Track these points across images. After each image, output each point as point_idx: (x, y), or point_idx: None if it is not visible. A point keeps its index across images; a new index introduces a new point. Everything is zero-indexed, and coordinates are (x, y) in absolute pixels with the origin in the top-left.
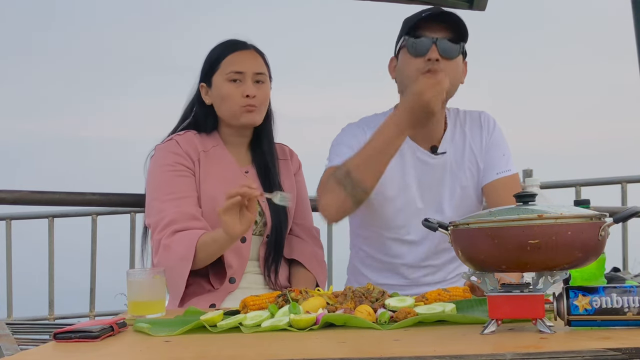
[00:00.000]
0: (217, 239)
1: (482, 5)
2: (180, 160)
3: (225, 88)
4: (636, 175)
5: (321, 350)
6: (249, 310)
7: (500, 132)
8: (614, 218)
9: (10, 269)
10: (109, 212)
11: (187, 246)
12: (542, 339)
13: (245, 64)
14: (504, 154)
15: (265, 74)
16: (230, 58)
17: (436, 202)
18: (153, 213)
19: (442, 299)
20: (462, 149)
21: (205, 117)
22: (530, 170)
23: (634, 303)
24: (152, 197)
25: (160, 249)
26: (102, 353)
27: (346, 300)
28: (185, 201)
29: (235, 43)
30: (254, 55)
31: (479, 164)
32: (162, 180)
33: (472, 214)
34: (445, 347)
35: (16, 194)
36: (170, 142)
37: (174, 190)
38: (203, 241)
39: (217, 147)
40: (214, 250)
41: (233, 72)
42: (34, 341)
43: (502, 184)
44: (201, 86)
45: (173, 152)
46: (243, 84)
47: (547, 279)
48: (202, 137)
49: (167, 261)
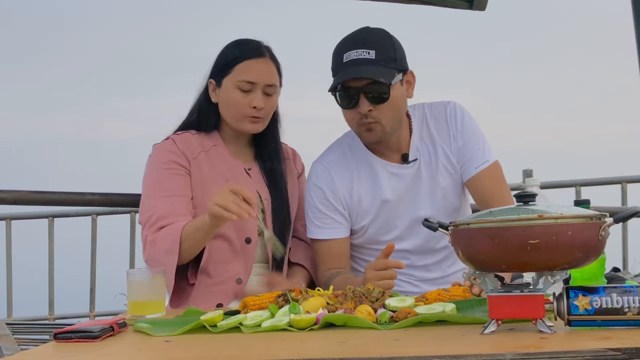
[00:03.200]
0: (200, 226)
1: (482, 5)
2: (175, 159)
3: (233, 94)
4: (636, 175)
5: (321, 350)
6: (249, 310)
7: (470, 123)
8: (614, 218)
9: (10, 269)
10: (109, 212)
11: (173, 240)
12: (542, 339)
13: (257, 75)
14: (478, 146)
15: (276, 86)
16: (244, 65)
17: (416, 211)
18: (144, 210)
19: (442, 299)
20: (433, 151)
21: (209, 114)
22: (530, 170)
23: (634, 303)
24: (146, 195)
25: (147, 245)
26: (102, 353)
27: (346, 300)
28: (177, 199)
29: (252, 49)
30: (268, 64)
31: (454, 161)
32: (156, 178)
33: (472, 215)
34: (445, 347)
35: (16, 194)
36: (167, 141)
37: (167, 187)
38: (186, 231)
39: (217, 147)
40: (199, 238)
41: (244, 82)
42: (34, 341)
43: (484, 176)
44: (210, 82)
45: (169, 150)
46: (252, 94)
47: (547, 279)
48: (201, 137)
49: (154, 256)
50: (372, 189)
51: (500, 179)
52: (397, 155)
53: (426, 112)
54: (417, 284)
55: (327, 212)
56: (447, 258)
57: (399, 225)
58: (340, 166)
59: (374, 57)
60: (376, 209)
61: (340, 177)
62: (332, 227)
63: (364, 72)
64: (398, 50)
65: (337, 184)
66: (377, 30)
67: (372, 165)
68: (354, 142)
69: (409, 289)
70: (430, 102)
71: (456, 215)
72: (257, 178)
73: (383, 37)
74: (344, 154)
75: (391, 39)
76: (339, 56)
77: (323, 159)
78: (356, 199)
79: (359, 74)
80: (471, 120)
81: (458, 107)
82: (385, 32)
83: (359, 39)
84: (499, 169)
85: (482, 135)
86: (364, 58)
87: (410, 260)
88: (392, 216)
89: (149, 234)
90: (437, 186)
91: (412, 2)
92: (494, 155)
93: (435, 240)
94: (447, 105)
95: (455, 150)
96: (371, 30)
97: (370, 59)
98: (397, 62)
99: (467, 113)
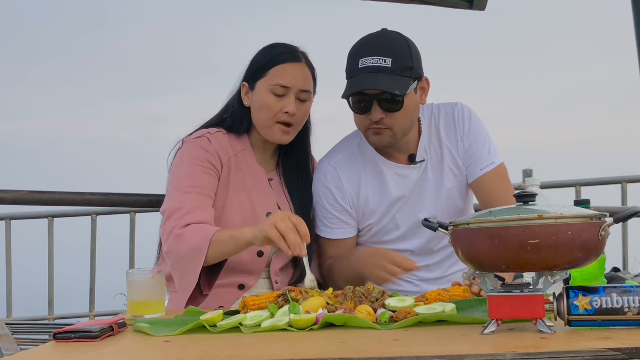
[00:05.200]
0: (237, 237)
1: (482, 5)
2: (209, 158)
3: (266, 98)
4: (636, 175)
5: (321, 350)
6: (249, 310)
7: (477, 124)
8: (614, 218)
9: (10, 269)
10: (109, 212)
11: (203, 238)
12: (542, 339)
13: (292, 79)
14: (484, 147)
15: (310, 92)
16: (279, 69)
17: (420, 212)
18: (172, 201)
19: (442, 299)
20: (440, 152)
21: (242, 118)
22: (530, 170)
23: (634, 303)
24: (175, 187)
25: (172, 237)
26: (102, 353)
27: (346, 301)
28: (206, 199)
29: (288, 52)
30: (304, 69)
31: (460, 163)
32: (189, 173)
33: (472, 214)
34: (445, 347)
35: (16, 194)
36: (202, 138)
37: (198, 184)
38: (219, 237)
39: (245, 152)
40: (230, 247)
41: (279, 86)
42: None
43: (489, 178)
44: (243, 85)
45: (204, 148)
46: (286, 99)
47: (547, 279)
48: (232, 139)
49: (178, 250)
50: (379, 189)
51: (506, 181)
52: (405, 156)
53: (435, 113)
54: (417, 284)
55: (335, 213)
56: (449, 258)
57: (402, 226)
58: (348, 166)
59: (390, 65)
60: (382, 210)
61: (348, 178)
62: (341, 228)
63: (380, 83)
64: (415, 57)
65: (345, 185)
66: (394, 35)
67: (379, 166)
68: (362, 142)
69: (410, 289)
70: (439, 103)
71: (460, 217)
72: (278, 189)
73: (401, 44)
74: (352, 154)
75: (409, 45)
76: (354, 60)
77: (331, 159)
78: (363, 199)
79: (375, 85)
80: (478, 122)
81: (466, 108)
82: (403, 38)
83: (377, 45)
84: (505, 171)
85: (489, 137)
86: (381, 66)
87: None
88: (396, 216)
89: (176, 227)
90: (443, 188)
91: (412, 2)
92: (500, 157)
93: (437, 241)
94: (455, 107)
95: (461, 152)
96: (389, 36)
97: (386, 67)
98: (413, 71)
99: (474, 115)
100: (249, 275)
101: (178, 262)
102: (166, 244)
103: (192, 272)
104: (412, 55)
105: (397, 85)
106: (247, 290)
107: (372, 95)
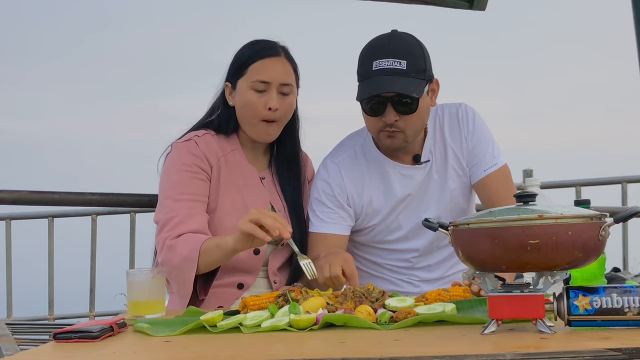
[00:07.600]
0: (221, 244)
1: (482, 5)
2: (197, 162)
3: (248, 96)
4: (636, 175)
5: (321, 350)
6: (249, 310)
7: (481, 125)
8: (614, 218)
9: (10, 269)
10: (109, 212)
11: (192, 249)
12: (542, 339)
13: (272, 74)
14: (488, 148)
15: (292, 85)
16: (258, 65)
17: (423, 213)
18: (164, 210)
19: (442, 299)
20: (444, 152)
21: (228, 119)
22: (530, 170)
23: (634, 303)
24: (166, 195)
25: (165, 249)
26: (102, 353)
27: (346, 301)
28: (197, 205)
29: (265, 47)
30: (283, 63)
31: (463, 163)
32: (178, 180)
33: (472, 214)
34: (445, 347)
35: (15, 194)
36: (189, 142)
37: (189, 190)
38: (206, 246)
39: (235, 151)
40: (217, 256)
41: (258, 82)
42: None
43: (492, 179)
44: (226, 85)
45: (192, 152)
46: (267, 94)
47: (547, 279)
48: (221, 140)
49: (171, 261)
50: (383, 189)
51: (509, 182)
52: (409, 156)
53: (439, 114)
54: (417, 285)
55: (332, 206)
56: (449, 259)
57: (405, 226)
58: (351, 166)
59: (405, 67)
60: (386, 210)
61: (350, 177)
62: (335, 221)
63: (397, 86)
64: (427, 59)
65: (346, 183)
66: (407, 36)
67: (383, 167)
68: (365, 142)
69: (410, 289)
70: (442, 104)
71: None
72: (270, 187)
73: (414, 45)
74: (355, 153)
75: (421, 47)
76: (367, 62)
77: (334, 157)
78: (367, 199)
79: (392, 88)
80: (482, 123)
81: (469, 109)
82: (416, 40)
83: (390, 46)
84: (508, 172)
85: (492, 137)
86: (396, 68)
87: (413, 261)
88: (399, 217)
89: (168, 238)
90: (446, 188)
91: (412, 2)
92: (503, 158)
93: (439, 241)
94: (459, 107)
95: (465, 153)
96: (401, 37)
97: (401, 69)
98: (426, 73)
99: (478, 115)
100: (246, 273)
101: (172, 272)
102: (160, 254)
103: (186, 281)
104: (425, 57)
105: (414, 87)
106: (246, 290)
107: (386, 98)
